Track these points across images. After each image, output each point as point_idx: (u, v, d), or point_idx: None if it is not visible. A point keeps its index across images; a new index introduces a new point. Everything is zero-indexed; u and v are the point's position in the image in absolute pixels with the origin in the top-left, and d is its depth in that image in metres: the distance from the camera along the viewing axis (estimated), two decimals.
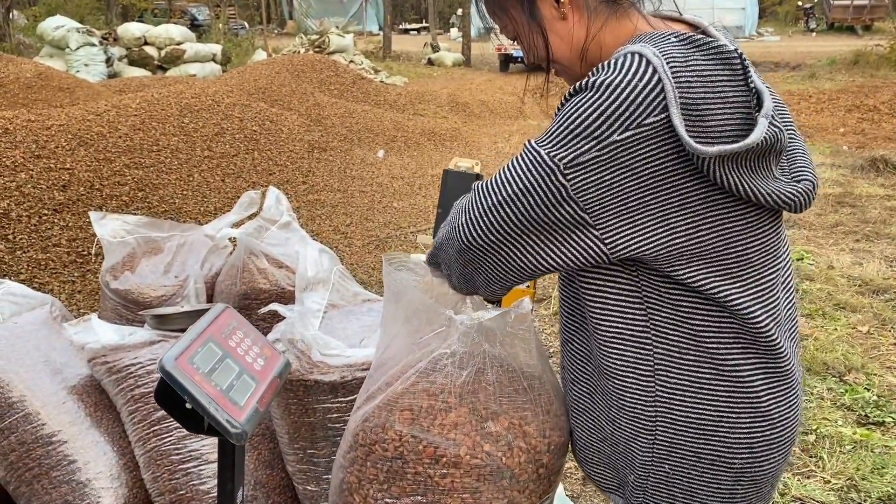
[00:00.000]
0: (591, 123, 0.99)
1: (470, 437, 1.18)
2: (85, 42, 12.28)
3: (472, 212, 1.12)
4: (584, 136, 1.00)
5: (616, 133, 0.98)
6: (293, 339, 1.77)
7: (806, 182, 1.10)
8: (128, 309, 2.41)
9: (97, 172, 4.58)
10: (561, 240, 1.06)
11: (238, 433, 1.19)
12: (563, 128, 1.02)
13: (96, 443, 2.03)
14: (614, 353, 1.15)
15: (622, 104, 0.98)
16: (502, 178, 1.08)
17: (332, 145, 7.11)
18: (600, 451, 1.26)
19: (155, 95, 5.96)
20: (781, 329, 1.14)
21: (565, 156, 1.01)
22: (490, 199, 1.09)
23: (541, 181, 1.03)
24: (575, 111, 1.01)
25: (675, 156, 0.99)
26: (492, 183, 1.10)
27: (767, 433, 1.14)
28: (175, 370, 1.17)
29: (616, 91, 0.98)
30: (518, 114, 12.21)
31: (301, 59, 10.46)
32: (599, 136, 0.99)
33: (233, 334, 1.35)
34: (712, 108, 0.99)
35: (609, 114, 0.98)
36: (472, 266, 1.16)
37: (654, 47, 1.02)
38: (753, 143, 0.98)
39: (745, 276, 1.08)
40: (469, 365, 1.18)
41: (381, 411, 1.22)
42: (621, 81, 0.98)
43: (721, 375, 1.11)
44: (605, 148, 0.99)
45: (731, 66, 1.02)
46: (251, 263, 2.33)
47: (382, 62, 19.15)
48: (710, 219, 1.03)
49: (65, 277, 3.79)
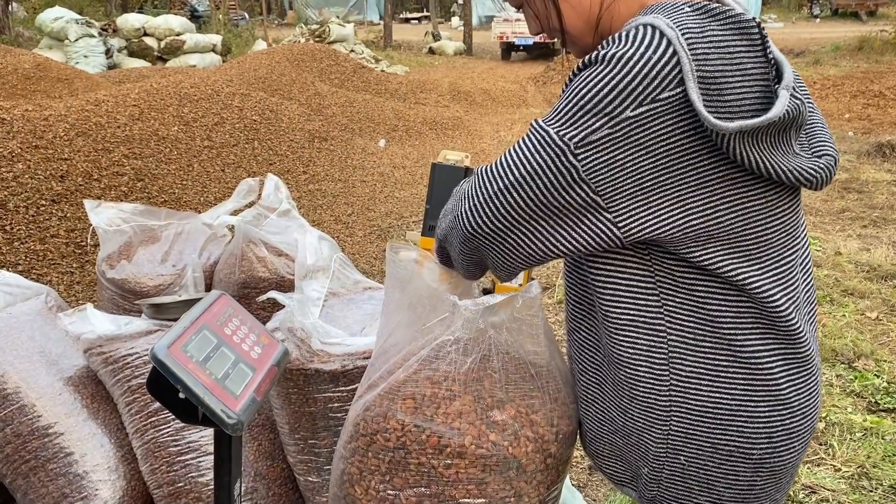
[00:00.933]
0: (602, 99, 0.93)
1: (475, 426, 1.14)
2: (84, 33, 12.22)
3: (475, 198, 1.05)
4: (595, 113, 0.93)
5: (629, 109, 0.92)
6: (292, 328, 1.72)
7: (827, 157, 1.04)
8: (125, 298, 2.37)
9: (96, 163, 4.53)
10: (572, 224, 1.00)
11: (234, 423, 1.14)
12: (572, 104, 0.95)
13: (93, 434, 1.99)
14: (626, 342, 1.09)
15: (635, 78, 0.91)
16: (508, 160, 1.01)
17: (333, 135, 7.06)
18: (612, 442, 1.20)
19: (154, 85, 5.91)
20: (800, 312, 1.08)
21: (576, 134, 0.94)
22: (496, 183, 1.02)
23: (550, 162, 0.96)
24: (585, 86, 0.95)
25: (692, 132, 0.93)
26: (497, 166, 1.03)
27: (787, 422, 1.09)
28: (168, 358, 1.13)
29: (629, 65, 0.92)
30: (520, 102, 12.12)
31: (301, 49, 10.39)
32: (611, 112, 0.92)
33: (228, 322, 1.31)
34: (731, 81, 0.93)
35: (621, 88, 0.92)
36: (478, 254, 1.10)
37: (667, 18, 0.95)
38: (776, 117, 0.91)
39: (763, 258, 1.03)
40: (473, 352, 1.14)
41: (382, 400, 1.17)
42: (634, 54, 0.92)
43: (739, 362, 1.05)
44: (618, 125, 0.93)
45: (749, 36, 0.96)
46: (250, 252, 2.28)
47: (383, 51, 19.05)
48: (729, 198, 0.97)
49: (63, 268, 3.75)
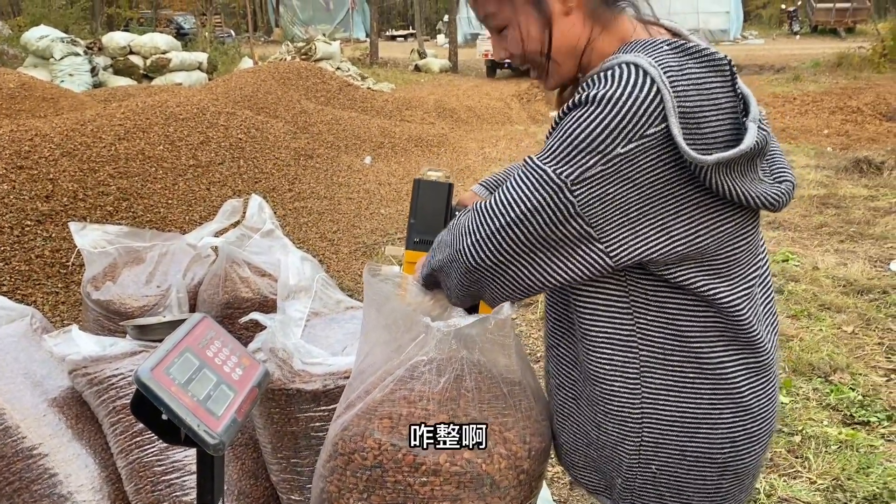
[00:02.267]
0: (595, 138, 0.99)
1: None
2: (69, 52, 12.23)
3: (478, 233, 1.10)
4: (588, 151, 1.00)
5: (620, 146, 0.99)
6: (274, 348, 1.75)
7: (787, 183, 1.14)
8: (110, 319, 2.40)
9: (81, 182, 4.55)
10: (567, 255, 1.07)
11: (215, 443, 1.18)
12: (566, 143, 1.02)
13: (78, 455, 2.01)
14: (602, 359, 1.16)
15: (625, 117, 0.98)
16: (508, 198, 1.07)
17: (319, 152, 7.10)
18: (586, 454, 1.26)
19: (140, 105, 5.94)
20: (761, 322, 1.17)
21: (571, 172, 1.01)
22: (497, 220, 1.07)
23: (549, 199, 1.02)
24: (577, 126, 1.01)
25: (673, 164, 1.00)
26: (497, 203, 1.08)
27: (748, 426, 1.16)
28: (151, 381, 1.16)
29: (618, 104, 0.98)
30: (505, 119, 12.23)
31: (287, 67, 10.45)
32: (604, 150, 0.99)
33: (210, 344, 1.34)
34: (707, 116, 1.01)
35: (613, 127, 0.98)
36: (476, 286, 1.15)
37: (648, 56, 1.02)
38: (748, 148, 1.00)
39: (732, 274, 1.11)
40: (447, 372, 1.18)
41: (360, 420, 1.21)
42: (622, 94, 0.98)
43: (705, 374, 1.13)
44: (610, 161, 0.99)
45: (721, 72, 1.04)
46: (233, 272, 2.31)
47: (369, 69, 19.15)
48: (706, 222, 1.05)
49: (48, 288, 3.76)
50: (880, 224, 5.84)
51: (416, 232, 1.46)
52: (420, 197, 1.47)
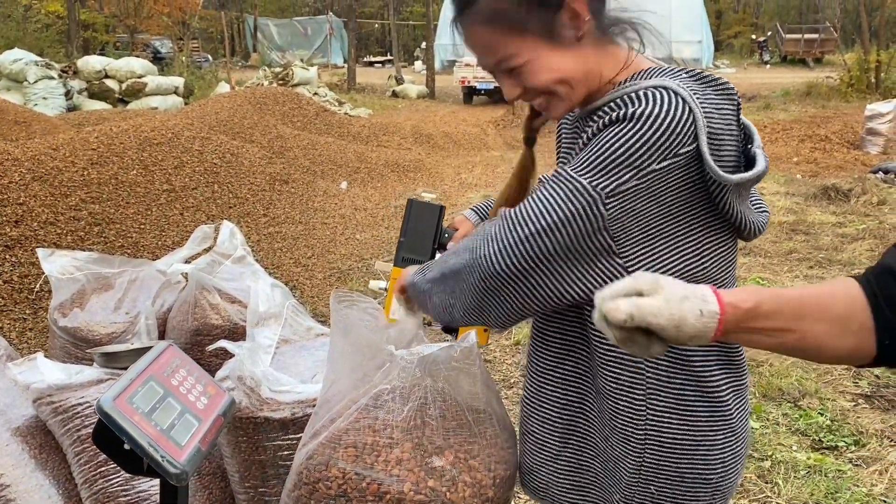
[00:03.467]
0: (633, 153, 1.02)
1: (414, 472, 1.18)
2: (43, 75, 12.16)
3: (505, 239, 1.09)
4: (626, 165, 1.03)
5: (655, 162, 1.03)
6: (242, 376, 1.75)
7: (766, 213, 1.24)
8: (77, 347, 2.37)
9: (52, 207, 4.51)
10: (586, 269, 1.08)
11: (178, 473, 1.17)
12: (603, 157, 1.04)
13: (41, 486, 1.98)
14: (610, 376, 1.18)
15: (663, 134, 1.02)
16: (539, 206, 1.07)
17: (295, 177, 7.10)
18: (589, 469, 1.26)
19: (114, 129, 5.91)
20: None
21: (608, 184, 1.03)
22: (526, 227, 1.07)
23: (581, 211, 1.04)
24: (616, 141, 1.04)
25: (695, 185, 1.06)
26: (526, 212, 1.08)
27: (736, 447, 1.21)
28: (113, 411, 1.15)
29: (657, 122, 1.02)
30: (481, 145, 12.32)
31: (263, 92, 10.46)
32: (640, 165, 1.03)
33: (175, 373, 1.34)
34: (725, 140, 1.07)
35: (651, 144, 1.02)
36: (490, 295, 1.13)
37: (675, 80, 1.08)
38: (762, 172, 1.07)
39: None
40: (411, 400, 1.18)
41: (324, 448, 1.21)
42: (660, 113, 1.02)
43: (704, 396, 1.17)
44: (645, 177, 1.03)
45: (733, 100, 1.10)
46: (203, 299, 2.30)
47: (347, 94, 19.22)
48: (712, 245, 1.12)
49: (16, 315, 3.71)
50: (847, 250, 5.95)
51: (404, 249, 1.50)
52: (412, 216, 1.51)
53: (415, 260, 1.47)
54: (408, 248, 1.49)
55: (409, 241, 1.49)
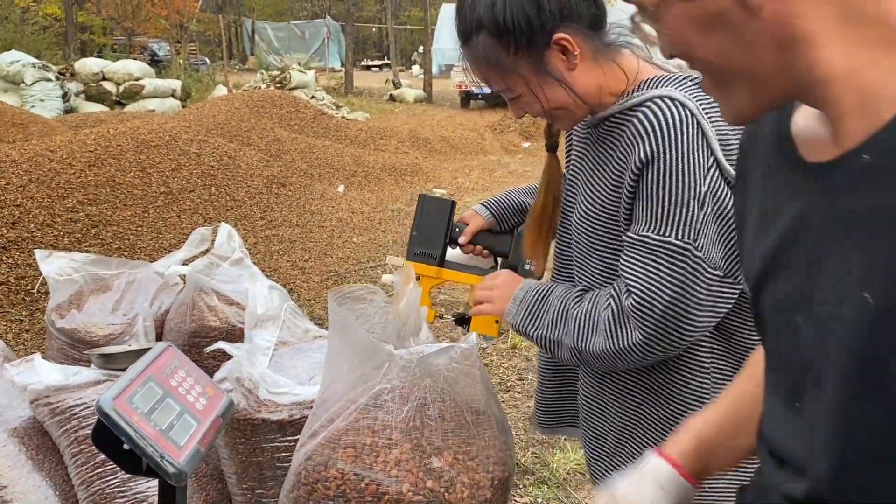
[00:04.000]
0: (685, 186, 1.03)
1: (413, 473, 1.18)
2: (41, 77, 12.14)
3: (643, 330, 1.08)
4: (685, 203, 1.04)
5: (702, 185, 1.04)
6: (240, 378, 1.75)
7: None
8: (74, 348, 2.37)
9: (49, 209, 4.50)
10: (716, 305, 1.10)
11: (177, 473, 1.17)
12: (665, 207, 1.05)
13: (37, 487, 1.98)
14: (680, 379, 1.18)
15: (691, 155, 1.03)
16: (651, 285, 1.07)
17: (292, 180, 7.10)
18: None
19: (111, 132, 5.91)
20: None
21: (687, 231, 1.04)
22: (655, 309, 1.07)
23: (687, 268, 1.05)
24: (660, 187, 1.05)
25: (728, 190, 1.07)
26: (643, 294, 1.08)
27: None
28: (112, 411, 1.15)
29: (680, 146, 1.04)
30: (478, 149, 12.33)
31: (261, 95, 10.46)
32: (696, 193, 1.04)
33: (174, 373, 1.34)
34: (735, 145, 1.06)
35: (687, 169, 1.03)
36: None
37: (679, 90, 1.08)
38: None
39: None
40: (410, 400, 1.19)
41: (323, 449, 1.21)
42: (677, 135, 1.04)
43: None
44: (704, 202, 1.04)
45: None
46: (201, 301, 2.30)
47: (344, 98, 19.23)
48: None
49: (12, 316, 3.70)
50: None
51: (416, 244, 1.53)
52: (423, 211, 1.54)
53: (426, 254, 1.51)
54: (419, 242, 1.53)
55: (420, 235, 1.53)
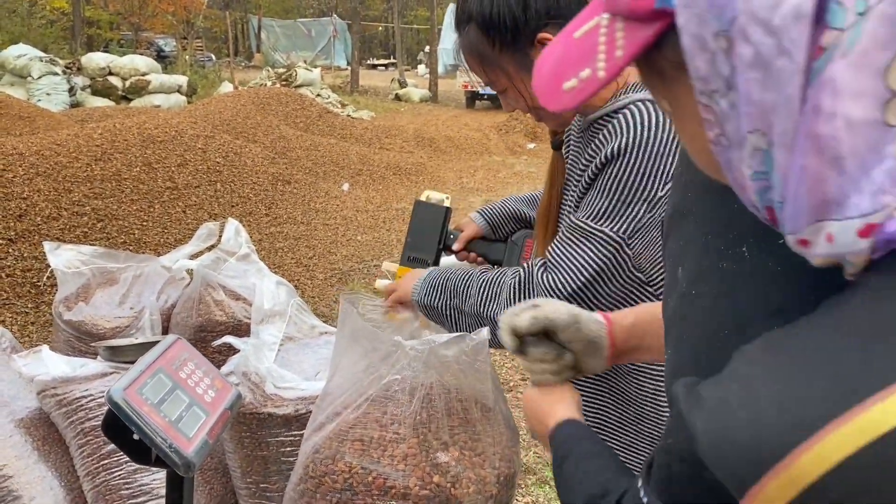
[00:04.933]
0: (636, 186, 1.04)
1: (420, 467, 1.19)
2: (47, 71, 12.17)
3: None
4: (634, 202, 1.04)
5: (659, 189, 1.04)
6: (247, 372, 1.76)
7: None
8: (81, 340, 2.38)
9: (56, 203, 4.52)
10: (624, 304, 1.10)
11: (186, 464, 1.18)
12: (612, 200, 1.06)
13: (43, 478, 1.99)
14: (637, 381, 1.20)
15: (655, 160, 1.03)
16: (571, 264, 1.09)
17: (297, 178, 7.11)
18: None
19: (118, 126, 5.92)
20: None
21: (626, 227, 1.05)
22: (567, 287, 1.09)
23: (610, 259, 1.06)
24: (616, 180, 1.06)
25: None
26: (560, 271, 1.09)
27: None
28: (123, 401, 1.16)
29: (645, 150, 1.04)
30: (483, 150, 12.33)
31: (267, 92, 10.48)
32: (647, 196, 1.04)
33: (184, 366, 1.35)
34: None
35: (648, 173, 1.03)
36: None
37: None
38: None
39: None
40: (418, 392, 1.19)
41: (331, 442, 1.22)
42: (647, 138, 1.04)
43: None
44: (654, 206, 1.04)
45: None
46: (207, 295, 2.31)
47: (350, 96, 19.26)
48: None
49: (18, 308, 3.72)
50: None
51: (410, 249, 1.53)
52: (417, 217, 1.54)
53: (420, 259, 1.51)
54: (413, 247, 1.53)
55: (414, 241, 1.53)
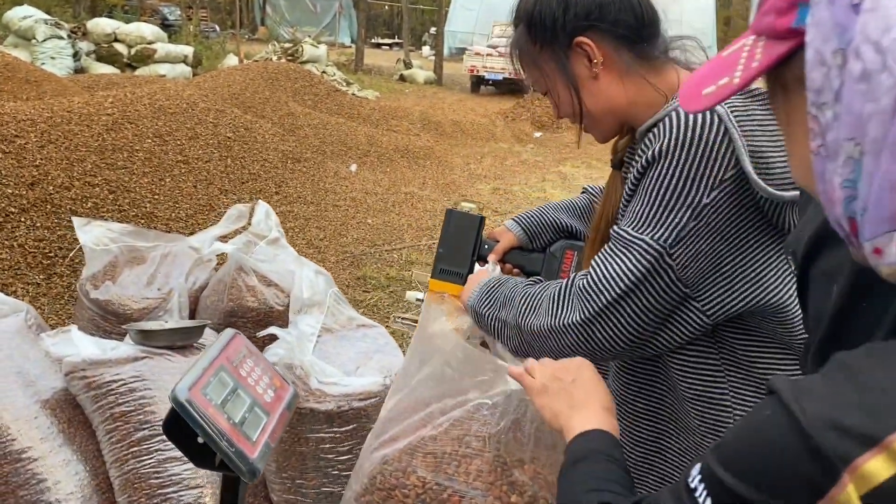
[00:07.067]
0: (679, 191, 0.99)
1: (496, 486, 1.13)
2: (52, 34, 11.98)
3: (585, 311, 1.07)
4: (677, 208, 0.99)
5: (705, 196, 0.98)
6: (292, 365, 1.70)
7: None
8: (106, 320, 2.31)
9: (68, 172, 4.43)
10: (666, 321, 1.06)
11: (251, 470, 1.12)
12: (654, 206, 1.01)
13: (68, 462, 1.93)
14: (697, 413, 1.14)
15: (700, 164, 0.97)
16: (610, 273, 1.04)
17: (306, 157, 7.02)
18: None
19: (129, 95, 5.81)
20: None
21: (667, 234, 1.00)
22: (603, 297, 1.05)
23: (651, 268, 1.01)
24: (658, 185, 1.00)
25: (752, 209, 1.01)
26: (598, 280, 1.05)
27: None
28: (189, 402, 1.10)
29: (690, 152, 0.98)
30: (489, 136, 12.25)
31: (275, 67, 10.35)
32: (691, 202, 0.98)
33: (243, 363, 1.29)
34: (774, 157, 1.00)
35: (692, 175, 0.98)
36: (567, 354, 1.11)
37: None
38: None
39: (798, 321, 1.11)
40: (508, 415, 1.14)
41: (402, 455, 1.16)
42: (692, 140, 0.98)
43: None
44: (699, 214, 0.99)
45: None
46: (240, 280, 2.25)
47: (354, 75, 19.07)
48: (787, 269, 1.05)
49: (29, 279, 3.64)
50: None
51: (442, 261, 1.45)
52: (450, 227, 1.47)
53: (453, 272, 1.44)
54: (446, 259, 1.45)
55: (447, 252, 1.45)
